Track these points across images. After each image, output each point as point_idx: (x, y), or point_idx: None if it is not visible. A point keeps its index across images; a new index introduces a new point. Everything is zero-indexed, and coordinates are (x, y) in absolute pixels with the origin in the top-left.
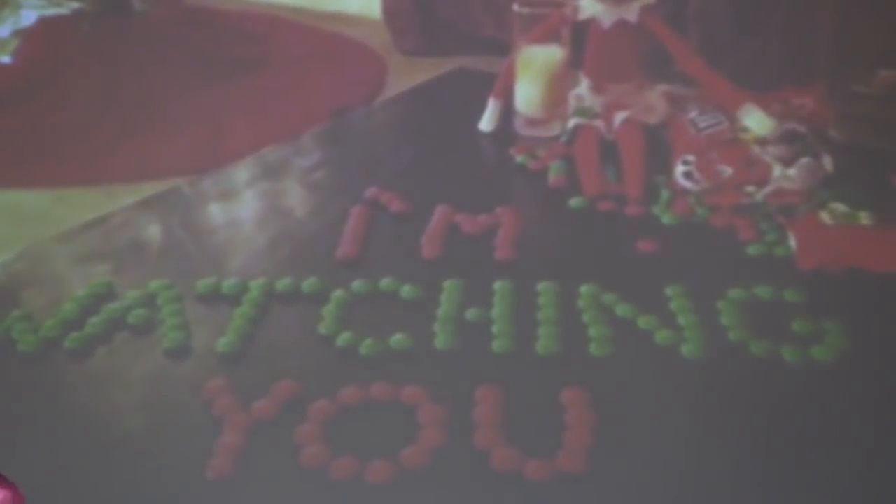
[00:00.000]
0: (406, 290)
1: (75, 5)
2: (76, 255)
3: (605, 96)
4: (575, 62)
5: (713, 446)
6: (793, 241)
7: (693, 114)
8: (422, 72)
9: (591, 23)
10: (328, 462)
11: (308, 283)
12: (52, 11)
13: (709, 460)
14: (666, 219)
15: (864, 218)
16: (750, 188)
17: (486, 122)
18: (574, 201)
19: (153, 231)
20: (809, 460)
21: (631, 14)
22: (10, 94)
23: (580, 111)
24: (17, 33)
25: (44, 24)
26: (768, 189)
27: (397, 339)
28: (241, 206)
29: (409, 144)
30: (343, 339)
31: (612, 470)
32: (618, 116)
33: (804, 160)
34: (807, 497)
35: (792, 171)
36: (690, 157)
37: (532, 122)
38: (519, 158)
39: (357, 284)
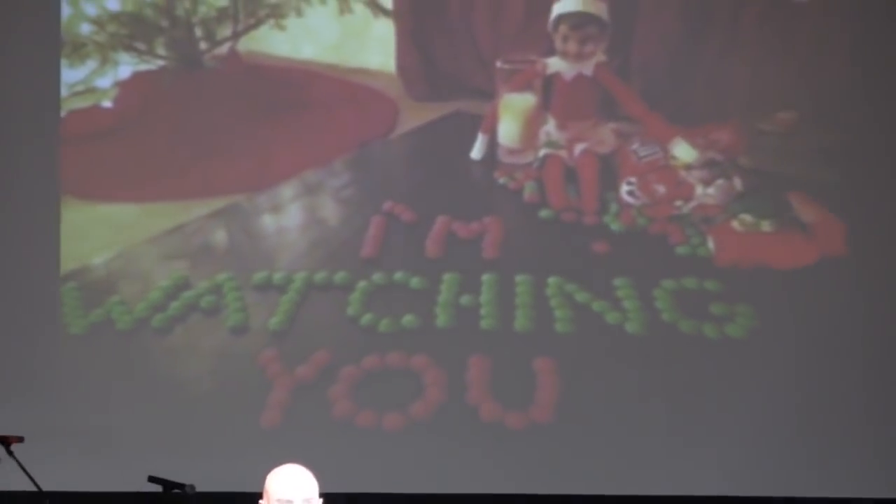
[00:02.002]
0: (414, 282)
1: (160, 62)
2: (160, 254)
3: (567, 132)
4: (544, 106)
5: (651, 401)
6: (711, 244)
7: (635, 145)
8: (427, 113)
9: (556, 76)
10: (354, 414)
11: (339, 276)
12: (142, 67)
13: (647, 411)
14: (614, 226)
15: (766, 226)
16: (678, 203)
17: (476, 152)
18: (544, 213)
19: (219, 236)
20: (725, 411)
21: (587, 69)
22: (109, 130)
23: (548, 143)
24: (116, 84)
25: (136, 76)
26: (693, 204)
27: (408, 318)
28: (287, 217)
29: (416, 169)
30: (366, 318)
31: (574, 420)
32: (577, 147)
33: (720, 181)
34: (717, 433)
35: (711, 190)
36: (633, 179)
37: (511, 151)
38: (501, 180)
39: (377, 277)
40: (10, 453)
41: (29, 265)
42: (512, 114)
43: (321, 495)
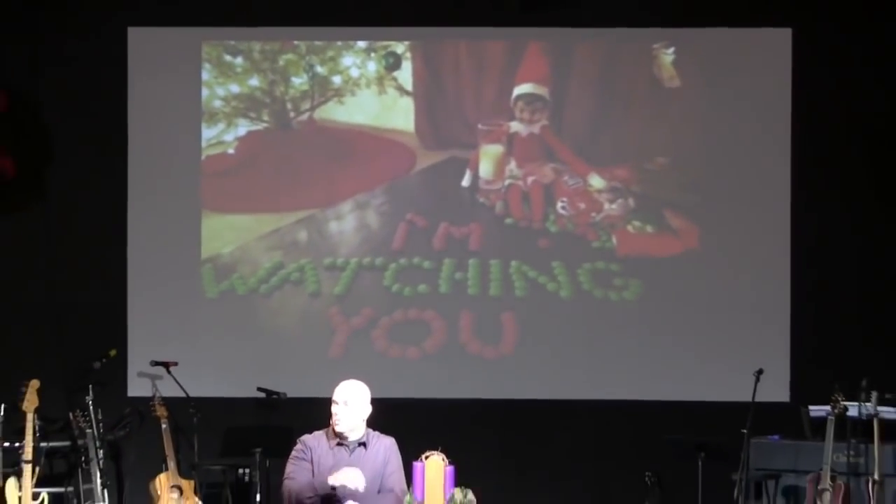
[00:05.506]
0: (426, 264)
1: (265, 125)
2: (265, 247)
3: (523, 169)
4: (508, 153)
5: (576, 339)
6: (614, 240)
7: (566, 178)
8: (434, 158)
9: (516, 134)
10: (388, 348)
11: (378, 260)
12: (253, 128)
13: (574, 345)
14: (553, 229)
15: (649, 229)
16: (593, 214)
17: (465, 181)
18: (508, 220)
19: (302, 235)
20: (623, 342)
21: (536, 129)
22: (232, 169)
23: (511, 176)
24: (236, 139)
25: (250, 134)
26: (602, 215)
27: (422, 287)
28: (345, 224)
29: (427, 193)
30: (395, 287)
31: (528, 351)
32: (529, 179)
33: (620, 201)
34: (620, 356)
35: (614, 206)
36: (565, 199)
37: (487, 182)
38: (481, 199)
39: (402, 261)
40: (170, 372)
41: (181, 254)
42: (488, 158)
43: (372, 401)
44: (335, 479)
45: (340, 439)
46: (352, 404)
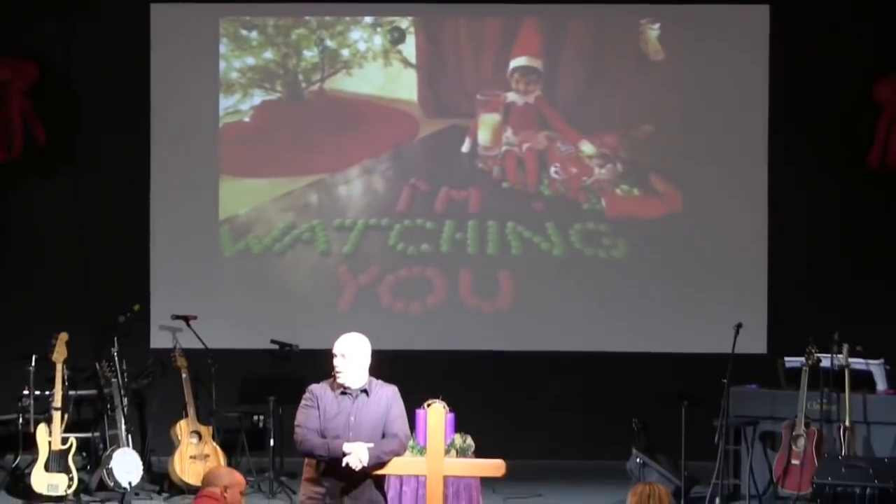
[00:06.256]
0: (428, 225)
1: (278, 95)
2: (278, 208)
3: (518, 137)
4: (505, 121)
5: (567, 294)
6: (604, 203)
7: (559, 144)
8: (435, 126)
9: (512, 104)
10: (392, 304)
11: (384, 222)
12: (268, 98)
13: (565, 299)
14: (546, 193)
15: (636, 193)
16: (584, 178)
17: (465, 148)
18: (504, 185)
19: (313, 198)
20: (610, 297)
21: (530, 99)
22: (248, 136)
23: (507, 143)
24: (252, 108)
25: (264, 104)
26: (592, 179)
27: (424, 247)
28: (353, 187)
29: (429, 159)
30: (400, 246)
31: (522, 306)
32: (524, 146)
33: (608, 166)
34: (609, 310)
35: (603, 171)
36: (557, 165)
37: (486, 148)
38: (480, 165)
39: (406, 222)
40: (189, 326)
41: (200, 215)
42: (486, 126)
43: (374, 352)
44: (349, 447)
45: (344, 388)
46: (350, 357)
